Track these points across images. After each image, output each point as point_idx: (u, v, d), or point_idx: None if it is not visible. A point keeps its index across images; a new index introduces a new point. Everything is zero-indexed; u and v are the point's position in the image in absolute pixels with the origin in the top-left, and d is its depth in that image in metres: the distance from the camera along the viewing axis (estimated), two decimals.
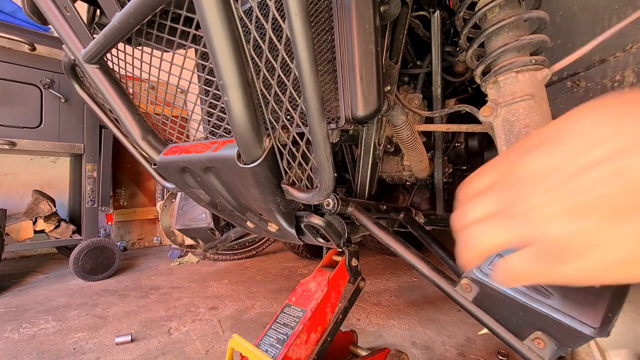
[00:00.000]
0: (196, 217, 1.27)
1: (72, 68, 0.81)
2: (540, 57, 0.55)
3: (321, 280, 0.89)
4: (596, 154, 0.24)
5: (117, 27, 0.54)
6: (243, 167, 0.54)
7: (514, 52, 0.57)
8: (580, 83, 0.79)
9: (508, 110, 0.56)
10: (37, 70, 2.11)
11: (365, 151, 0.89)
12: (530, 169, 0.28)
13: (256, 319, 1.56)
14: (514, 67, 0.55)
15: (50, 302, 1.83)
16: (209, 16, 0.40)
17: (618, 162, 0.23)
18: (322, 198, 0.54)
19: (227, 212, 0.85)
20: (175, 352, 1.27)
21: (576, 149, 0.25)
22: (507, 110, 0.56)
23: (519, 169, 0.29)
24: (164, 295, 1.91)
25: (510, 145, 0.57)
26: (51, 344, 1.36)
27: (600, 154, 0.24)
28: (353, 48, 0.55)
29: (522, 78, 0.55)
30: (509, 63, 0.56)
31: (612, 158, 0.24)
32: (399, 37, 0.74)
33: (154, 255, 3.00)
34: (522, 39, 0.56)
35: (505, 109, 0.57)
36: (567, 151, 0.26)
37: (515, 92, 0.56)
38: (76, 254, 2.17)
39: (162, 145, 0.74)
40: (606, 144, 0.24)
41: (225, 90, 0.45)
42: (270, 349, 0.79)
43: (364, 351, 1.04)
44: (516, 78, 0.56)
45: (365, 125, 0.87)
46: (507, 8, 0.58)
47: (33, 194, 2.36)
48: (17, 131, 2.06)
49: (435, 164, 1.06)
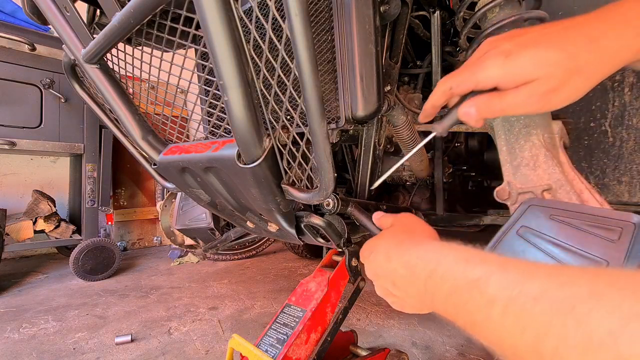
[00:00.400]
0: (196, 217, 1.27)
1: (72, 68, 0.81)
2: None
3: (321, 280, 0.89)
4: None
5: (117, 27, 0.54)
6: (243, 167, 0.54)
7: None
8: None
9: None
10: (37, 70, 2.11)
11: (365, 151, 0.89)
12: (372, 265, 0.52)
13: (256, 319, 1.56)
14: None
15: (50, 302, 1.83)
16: (209, 16, 0.40)
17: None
18: (322, 198, 0.54)
19: (227, 212, 0.85)
20: (175, 352, 1.27)
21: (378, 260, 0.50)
22: None
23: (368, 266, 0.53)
24: (164, 295, 1.91)
25: (510, 145, 0.57)
26: (51, 344, 1.36)
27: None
28: (353, 48, 0.55)
29: None
30: None
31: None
32: (399, 37, 0.74)
33: (154, 255, 3.00)
34: None
35: None
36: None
37: None
38: (76, 254, 2.17)
39: (162, 145, 0.74)
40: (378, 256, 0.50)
41: (225, 90, 0.45)
42: (270, 349, 0.79)
43: (364, 351, 1.04)
44: None
45: (365, 125, 0.86)
46: (507, 8, 0.58)
47: (33, 194, 2.36)
48: (17, 131, 2.06)
49: (435, 164, 1.06)
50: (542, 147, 0.54)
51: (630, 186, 0.73)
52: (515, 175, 0.56)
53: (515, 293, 0.28)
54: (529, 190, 0.54)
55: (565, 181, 0.51)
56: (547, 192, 0.53)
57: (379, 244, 0.51)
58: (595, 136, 0.77)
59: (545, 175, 0.53)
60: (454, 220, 1.14)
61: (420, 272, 0.40)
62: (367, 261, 0.54)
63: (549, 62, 0.37)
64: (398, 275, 0.45)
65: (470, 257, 0.35)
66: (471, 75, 0.42)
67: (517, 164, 0.56)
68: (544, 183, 0.53)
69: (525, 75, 0.39)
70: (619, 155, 0.74)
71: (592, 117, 0.77)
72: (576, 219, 0.45)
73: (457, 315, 0.35)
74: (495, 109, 0.41)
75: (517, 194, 0.56)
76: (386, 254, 0.48)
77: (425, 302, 0.42)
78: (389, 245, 0.49)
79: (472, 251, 0.37)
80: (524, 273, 0.29)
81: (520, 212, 0.51)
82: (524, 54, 0.39)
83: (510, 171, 0.57)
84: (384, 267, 0.48)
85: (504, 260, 0.33)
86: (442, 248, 0.40)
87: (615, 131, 0.74)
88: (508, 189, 0.57)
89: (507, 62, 0.39)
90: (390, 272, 0.46)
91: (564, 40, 0.38)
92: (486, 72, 0.41)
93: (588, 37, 0.37)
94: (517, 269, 0.30)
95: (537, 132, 0.54)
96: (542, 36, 0.39)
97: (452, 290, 0.35)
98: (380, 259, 0.49)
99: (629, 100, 0.71)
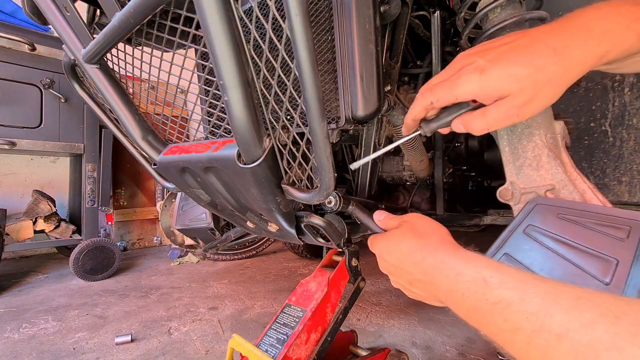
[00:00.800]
0: (196, 217, 1.27)
1: (72, 68, 0.81)
2: None
3: (321, 280, 0.89)
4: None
5: (117, 27, 0.54)
6: (243, 167, 0.54)
7: None
8: (580, 83, 0.79)
9: None
10: (37, 70, 2.11)
11: (365, 151, 0.89)
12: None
13: (256, 319, 1.56)
14: None
15: (50, 302, 1.83)
16: (209, 16, 0.40)
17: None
18: (322, 198, 0.54)
19: (227, 212, 0.85)
20: (175, 352, 1.27)
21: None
22: None
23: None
24: (164, 295, 1.91)
25: (512, 145, 0.57)
26: (51, 344, 1.36)
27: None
28: (353, 48, 0.55)
29: None
30: None
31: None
32: (399, 37, 0.74)
33: (154, 255, 3.00)
34: None
35: None
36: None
37: None
38: (76, 254, 2.17)
39: (162, 145, 0.74)
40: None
41: (225, 90, 0.45)
42: (270, 349, 0.79)
43: (364, 351, 1.04)
44: None
45: (365, 125, 0.86)
46: (508, 8, 0.58)
47: (33, 194, 2.36)
48: (17, 131, 2.06)
49: (436, 164, 1.06)
50: (544, 147, 0.54)
51: (631, 186, 0.73)
52: (518, 176, 0.56)
53: (538, 326, 0.29)
54: (532, 190, 0.54)
55: (568, 181, 0.51)
56: (550, 192, 0.52)
57: (390, 246, 0.52)
58: (595, 136, 0.77)
59: (548, 175, 0.53)
60: (454, 220, 1.14)
61: (439, 283, 0.43)
62: (379, 259, 0.56)
63: (520, 78, 0.40)
64: (414, 278, 0.48)
65: (487, 275, 0.37)
66: (450, 91, 0.45)
67: (519, 164, 0.56)
68: (547, 183, 0.53)
69: (500, 90, 0.41)
70: (619, 155, 0.74)
71: (592, 117, 0.77)
72: (584, 218, 0.45)
73: (480, 328, 0.38)
74: (481, 127, 0.45)
75: (520, 194, 0.56)
76: (398, 260, 0.50)
77: (444, 304, 0.45)
78: (401, 250, 0.50)
79: (487, 265, 0.39)
80: (545, 301, 0.30)
81: (527, 211, 0.50)
82: (496, 70, 0.41)
83: (513, 171, 0.57)
84: (398, 270, 0.51)
85: (521, 280, 0.34)
86: (457, 261, 0.42)
87: (616, 131, 0.74)
88: (511, 189, 0.57)
89: (482, 79, 0.42)
90: (406, 275, 0.49)
91: (531, 54, 0.41)
92: (463, 87, 0.43)
93: (553, 49, 0.40)
94: (537, 295, 0.31)
95: (540, 132, 0.54)
96: (512, 50, 0.42)
97: (473, 309, 0.37)
98: (393, 262, 0.51)
99: (629, 100, 0.71)
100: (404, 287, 0.53)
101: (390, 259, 0.52)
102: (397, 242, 0.51)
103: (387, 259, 0.52)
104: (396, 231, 0.54)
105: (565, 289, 0.31)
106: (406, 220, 0.55)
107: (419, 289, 0.49)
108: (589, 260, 0.42)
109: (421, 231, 0.51)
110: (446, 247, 0.46)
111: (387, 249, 0.52)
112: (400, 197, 1.24)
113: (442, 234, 0.50)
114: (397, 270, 0.51)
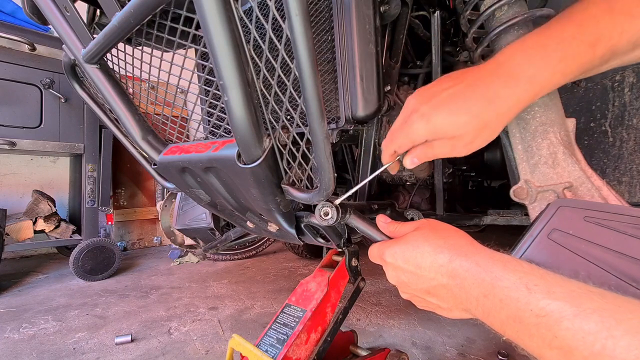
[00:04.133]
0: (196, 217, 1.27)
1: (72, 68, 0.81)
2: None
3: (321, 281, 0.89)
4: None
5: (117, 27, 0.54)
6: (243, 167, 0.54)
7: None
8: (580, 83, 0.79)
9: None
10: (37, 70, 2.11)
11: (365, 151, 0.89)
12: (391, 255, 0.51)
13: (256, 319, 1.56)
14: None
15: (50, 302, 1.83)
16: (209, 16, 0.40)
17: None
18: (322, 198, 0.54)
19: (227, 212, 0.85)
20: (175, 352, 1.27)
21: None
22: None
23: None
24: (164, 295, 1.91)
25: (526, 143, 0.56)
26: (51, 344, 1.36)
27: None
28: (353, 48, 0.55)
29: None
30: None
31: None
32: (399, 37, 0.74)
33: (154, 255, 3.00)
34: None
35: None
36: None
37: None
38: (76, 254, 2.17)
39: (162, 145, 0.74)
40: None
41: (225, 90, 0.45)
42: (270, 349, 0.79)
43: (364, 351, 1.04)
44: None
45: (365, 126, 0.86)
46: (515, 6, 0.58)
47: (33, 194, 2.36)
48: (17, 131, 2.06)
49: (435, 164, 1.06)
50: (559, 144, 0.53)
51: (631, 186, 0.73)
52: (533, 174, 0.55)
53: (597, 349, 0.25)
54: (550, 188, 0.53)
55: (586, 178, 0.50)
56: (567, 190, 0.51)
57: (407, 251, 0.47)
58: (595, 136, 0.77)
59: (565, 172, 0.52)
60: (454, 220, 1.14)
61: (470, 288, 0.39)
62: (390, 269, 0.51)
63: (460, 125, 0.46)
64: (437, 284, 0.44)
65: (531, 282, 0.34)
66: (407, 138, 0.51)
67: (534, 162, 0.55)
68: (565, 181, 0.51)
69: (445, 134, 0.47)
70: (619, 156, 0.74)
71: (592, 117, 0.77)
72: (613, 221, 0.41)
73: (519, 342, 0.34)
74: (430, 156, 0.51)
75: (536, 192, 0.54)
76: (417, 265, 0.45)
77: (470, 312, 0.42)
78: (423, 252, 0.45)
79: (530, 271, 0.35)
80: (604, 319, 0.26)
81: (549, 215, 0.46)
82: (439, 117, 0.47)
83: (528, 170, 0.56)
84: (416, 277, 0.46)
85: (572, 290, 0.30)
86: (493, 264, 0.38)
87: (615, 131, 0.74)
88: (526, 188, 0.55)
89: (428, 127, 0.48)
90: (426, 282, 0.45)
91: (468, 102, 0.45)
92: (416, 134, 0.49)
93: (486, 98, 0.44)
94: (594, 311, 0.27)
95: (554, 129, 0.53)
96: (451, 98, 0.46)
97: (513, 318, 0.33)
98: (411, 268, 0.46)
99: (629, 100, 0.71)
100: (419, 298, 0.49)
101: (407, 265, 0.47)
102: (416, 245, 0.46)
103: (403, 266, 0.47)
104: (414, 234, 0.49)
105: (625, 304, 0.27)
106: (424, 223, 0.51)
107: (441, 297, 0.44)
108: (632, 268, 0.38)
109: (445, 234, 0.47)
110: (478, 249, 0.42)
111: (404, 255, 0.47)
112: (400, 197, 1.24)
113: (468, 236, 0.47)
114: (414, 278, 0.46)
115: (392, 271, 0.51)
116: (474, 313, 0.40)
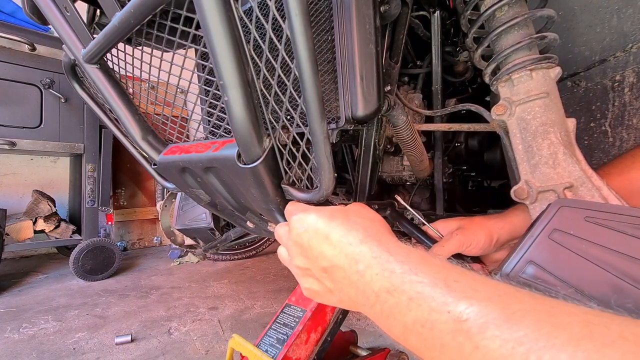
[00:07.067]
0: (196, 217, 1.27)
1: (72, 68, 0.81)
2: (551, 55, 0.55)
3: None
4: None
5: (117, 27, 0.54)
6: (243, 167, 0.54)
7: (526, 51, 0.57)
8: (580, 83, 0.79)
9: (523, 108, 0.56)
10: (37, 70, 2.11)
11: (365, 151, 0.88)
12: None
13: (256, 319, 1.56)
14: (528, 65, 0.55)
15: (50, 302, 1.83)
16: (209, 16, 0.40)
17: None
18: (322, 198, 0.54)
19: (227, 212, 0.85)
20: (175, 352, 1.27)
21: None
22: (523, 109, 0.56)
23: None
24: (164, 295, 1.91)
25: (526, 143, 0.56)
26: (51, 344, 1.36)
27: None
28: (353, 48, 0.55)
29: (536, 76, 0.55)
30: (522, 61, 0.55)
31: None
32: (399, 37, 0.74)
33: (154, 255, 3.00)
34: (535, 36, 0.55)
35: (520, 107, 0.56)
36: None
37: (531, 89, 0.55)
38: (76, 254, 2.17)
39: (162, 145, 0.74)
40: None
41: (225, 90, 0.45)
42: (270, 349, 0.79)
43: (364, 351, 1.04)
44: (530, 76, 0.55)
45: (366, 126, 0.86)
46: (515, 7, 0.58)
47: (33, 194, 2.36)
48: (17, 131, 2.07)
49: (436, 164, 1.06)
50: (560, 144, 0.53)
51: None
52: (533, 174, 0.55)
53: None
54: (550, 188, 0.53)
55: (586, 178, 0.50)
56: (568, 190, 0.51)
57: (316, 215, 0.42)
58: (595, 136, 0.77)
59: (565, 173, 0.52)
60: None
61: (373, 278, 0.33)
62: (288, 235, 0.45)
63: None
64: (335, 264, 0.37)
65: (450, 278, 0.28)
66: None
67: (535, 162, 0.55)
68: (565, 181, 0.52)
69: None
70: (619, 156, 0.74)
71: (592, 117, 0.77)
72: (616, 221, 0.40)
73: (422, 351, 0.28)
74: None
75: (536, 192, 0.54)
76: (324, 233, 0.39)
77: (365, 308, 0.35)
78: (332, 225, 0.40)
79: (448, 266, 0.30)
80: (537, 325, 0.21)
81: (550, 215, 0.45)
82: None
83: (528, 170, 0.56)
84: (316, 248, 0.40)
85: (498, 290, 0.26)
86: (408, 255, 0.33)
87: (615, 131, 0.74)
88: (527, 188, 0.55)
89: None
90: (325, 258, 0.38)
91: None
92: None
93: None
94: (525, 314, 0.22)
95: (554, 129, 0.53)
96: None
97: (422, 322, 0.27)
98: (313, 236, 0.40)
99: (629, 100, 0.71)
100: (310, 276, 0.43)
101: (315, 233, 0.40)
102: (333, 217, 0.41)
103: (311, 229, 0.41)
104: (335, 207, 0.45)
105: (560, 306, 0.23)
106: (354, 204, 0.48)
107: (335, 281, 0.38)
108: (633, 268, 0.37)
109: (368, 215, 0.43)
110: (395, 240, 0.37)
111: (317, 222, 0.41)
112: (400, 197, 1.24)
113: (387, 226, 0.42)
114: (311, 250, 0.40)
115: (292, 231, 0.44)
116: (368, 312, 0.34)
